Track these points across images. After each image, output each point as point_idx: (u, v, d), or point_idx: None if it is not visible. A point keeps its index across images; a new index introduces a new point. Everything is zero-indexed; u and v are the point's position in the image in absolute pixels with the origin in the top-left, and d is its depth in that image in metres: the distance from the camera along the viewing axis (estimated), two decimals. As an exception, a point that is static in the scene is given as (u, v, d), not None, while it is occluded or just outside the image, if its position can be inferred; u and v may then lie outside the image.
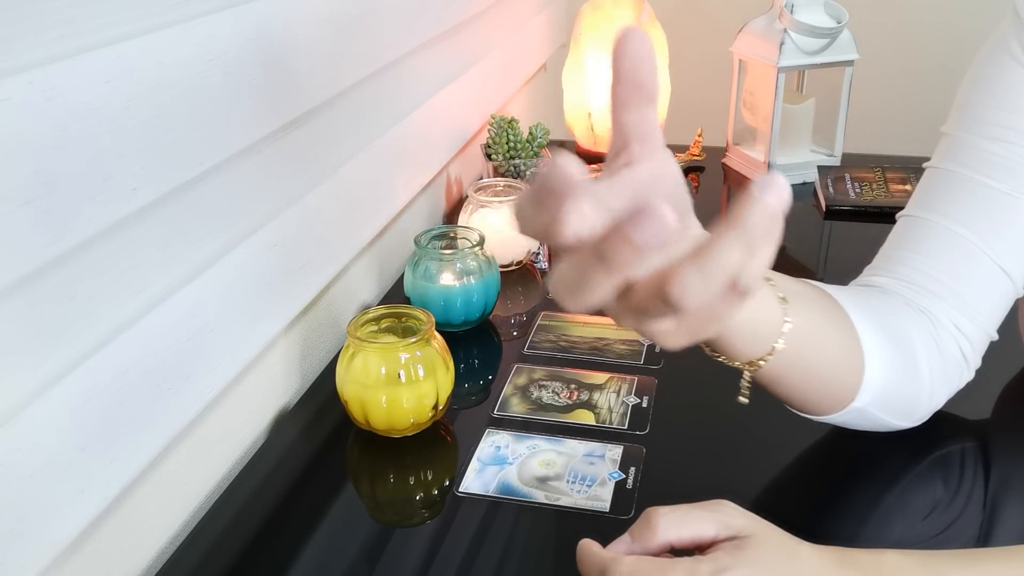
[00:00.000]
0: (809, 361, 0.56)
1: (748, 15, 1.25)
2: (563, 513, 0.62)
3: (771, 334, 0.52)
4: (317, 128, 0.77)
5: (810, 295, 0.57)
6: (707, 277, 0.34)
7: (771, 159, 1.22)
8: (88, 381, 0.52)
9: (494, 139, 1.11)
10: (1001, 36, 0.64)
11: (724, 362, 0.55)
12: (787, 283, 0.55)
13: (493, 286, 0.86)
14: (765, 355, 0.53)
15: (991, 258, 0.61)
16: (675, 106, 1.39)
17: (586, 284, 0.36)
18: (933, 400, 0.63)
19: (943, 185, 0.64)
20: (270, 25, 0.67)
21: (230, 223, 0.65)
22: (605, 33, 1.30)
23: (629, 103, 0.38)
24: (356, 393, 0.68)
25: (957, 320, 0.62)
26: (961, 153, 0.64)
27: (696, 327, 0.39)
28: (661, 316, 0.37)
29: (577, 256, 0.35)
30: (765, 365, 0.54)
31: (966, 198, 0.62)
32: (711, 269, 0.34)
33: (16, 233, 0.45)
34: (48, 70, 0.46)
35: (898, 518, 0.61)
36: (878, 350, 0.59)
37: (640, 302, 0.37)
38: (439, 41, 1.05)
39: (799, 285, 0.57)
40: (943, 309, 0.62)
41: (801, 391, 0.58)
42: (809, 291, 0.58)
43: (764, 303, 0.52)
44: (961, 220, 0.62)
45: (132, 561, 0.61)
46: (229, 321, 0.66)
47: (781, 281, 0.54)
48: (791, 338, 0.53)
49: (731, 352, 0.53)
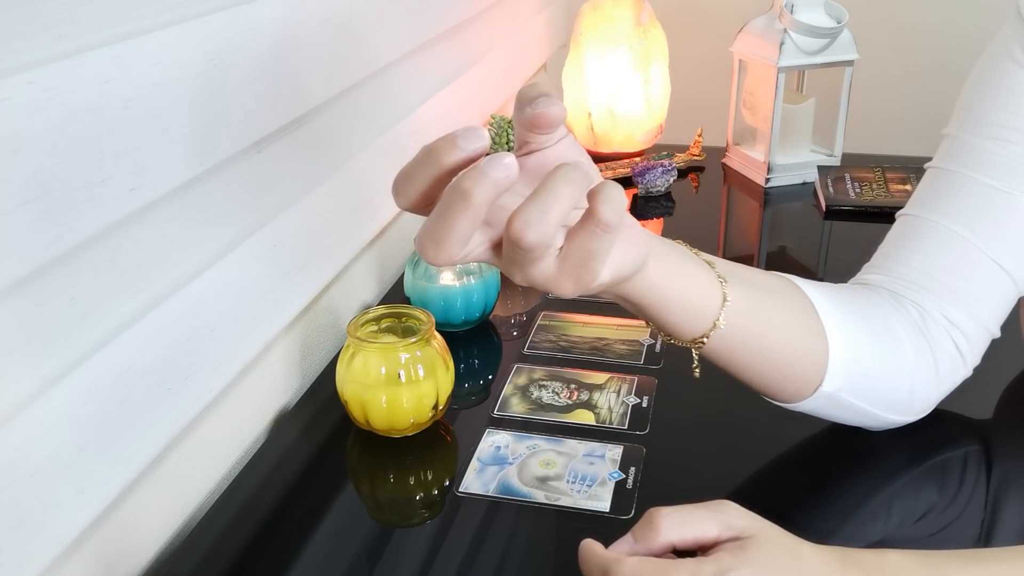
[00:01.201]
0: (758, 339, 0.57)
1: (748, 15, 1.25)
2: (563, 513, 0.62)
3: (710, 311, 0.54)
4: (317, 128, 0.77)
5: (757, 278, 0.59)
6: (542, 210, 0.40)
7: (771, 159, 1.22)
8: (88, 381, 0.52)
9: (494, 139, 1.11)
10: (1003, 39, 0.65)
11: (673, 343, 0.57)
12: (729, 266, 0.57)
13: (493, 286, 0.86)
14: (708, 331, 0.55)
15: (988, 255, 0.61)
16: (675, 106, 1.39)
17: (449, 229, 0.41)
18: (925, 393, 0.63)
19: (941, 184, 0.64)
20: (270, 25, 0.67)
21: (230, 223, 0.65)
22: (605, 33, 1.30)
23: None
24: (356, 393, 0.68)
25: (948, 312, 0.62)
26: (960, 153, 0.64)
27: (577, 269, 0.44)
28: (530, 261, 0.43)
29: (442, 205, 0.41)
30: (709, 343, 0.55)
31: (964, 197, 0.63)
32: (543, 202, 0.40)
33: (16, 233, 0.45)
34: (48, 70, 0.46)
35: (899, 517, 0.61)
36: (846, 334, 0.59)
37: (507, 250, 0.43)
38: (439, 41, 1.05)
39: (745, 270, 0.59)
40: (933, 301, 0.62)
41: (758, 372, 0.59)
42: (757, 275, 0.59)
43: (699, 280, 0.54)
44: (957, 218, 0.62)
45: (132, 561, 0.61)
46: (229, 321, 0.66)
47: (722, 264, 0.56)
48: (733, 316, 0.55)
49: (672, 329, 0.55)
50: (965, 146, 0.64)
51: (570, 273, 0.44)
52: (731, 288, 0.55)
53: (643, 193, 1.21)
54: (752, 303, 0.56)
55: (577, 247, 0.43)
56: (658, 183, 1.20)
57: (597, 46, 1.31)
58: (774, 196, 1.22)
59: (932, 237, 0.63)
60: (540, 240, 0.41)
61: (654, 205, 1.20)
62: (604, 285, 0.47)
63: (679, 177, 1.27)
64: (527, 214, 0.41)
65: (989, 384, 0.77)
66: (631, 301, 0.52)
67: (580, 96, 1.34)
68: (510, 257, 0.44)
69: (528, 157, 0.48)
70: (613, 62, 1.31)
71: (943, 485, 0.65)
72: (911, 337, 0.62)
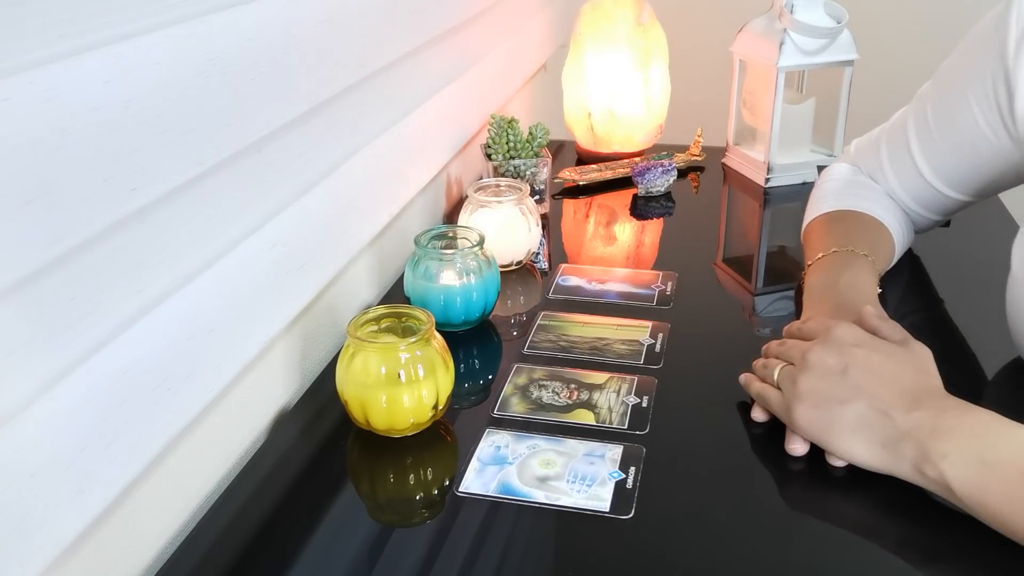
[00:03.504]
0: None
1: (748, 15, 1.25)
2: (563, 513, 0.62)
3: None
4: (317, 128, 0.77)
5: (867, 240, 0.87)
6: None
7: (771, 159, 1.22)
8: (88, 381, 0.52)
9: (494, 139, 1.11)
10: (979, 68, 0.79)
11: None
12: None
13: (493, 286, 0.86)
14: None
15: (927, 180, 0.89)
16: (675, 106, 1.39)
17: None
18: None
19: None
20: (270, 25, 0.67)
21: (230, 223, 0.65)
22: (605, 33, 1.31)
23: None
24: (356, 393, 0.68)
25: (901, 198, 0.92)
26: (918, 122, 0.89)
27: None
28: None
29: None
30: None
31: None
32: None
33: (16, 233, 0.45)
34: (48, 70, 0.46)
35: (895, 510, 0.61)
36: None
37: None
38: (439, 41, 1.05)
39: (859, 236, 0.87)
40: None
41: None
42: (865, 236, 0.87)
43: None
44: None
45: (132, 561, 0.61)
46: (229, 321, 0.66)
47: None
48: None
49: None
50: (920, 118, 0.87)
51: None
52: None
53: (643, 193, 1.21)
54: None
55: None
56: (658, 183, 1.21)
57: (597, 46, 1.31)
58: (774, 196, 1.22)
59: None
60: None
61: (654, 205, 1.20)
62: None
63: (679, 177, 1.27)
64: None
65: (976, 376, 0.78)
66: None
67: (580, 96, 1.34)
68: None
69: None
70: (613, 62, 1.31)
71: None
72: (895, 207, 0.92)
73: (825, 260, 0.83)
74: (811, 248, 0.88)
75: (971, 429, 0.58)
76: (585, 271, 1.00)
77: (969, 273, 0.97)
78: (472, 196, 0.98)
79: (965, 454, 0.57)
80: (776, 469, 0.66)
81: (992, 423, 0.59)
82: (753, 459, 0.68)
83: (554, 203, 1.21)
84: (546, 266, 1.02)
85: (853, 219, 0.89)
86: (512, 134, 1.10)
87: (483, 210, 0.96)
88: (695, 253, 1.05)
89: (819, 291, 0.80)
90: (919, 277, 0.96)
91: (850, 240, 0.84)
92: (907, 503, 0.61)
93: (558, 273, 0.99)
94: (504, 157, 1.11)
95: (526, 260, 1.00)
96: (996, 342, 0.79)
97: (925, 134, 0.86)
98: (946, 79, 0.84)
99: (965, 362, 0.80)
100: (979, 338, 0.83)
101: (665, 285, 0.95)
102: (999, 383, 0.77)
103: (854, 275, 0.79)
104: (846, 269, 0.80)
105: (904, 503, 0.61)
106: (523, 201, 0.97)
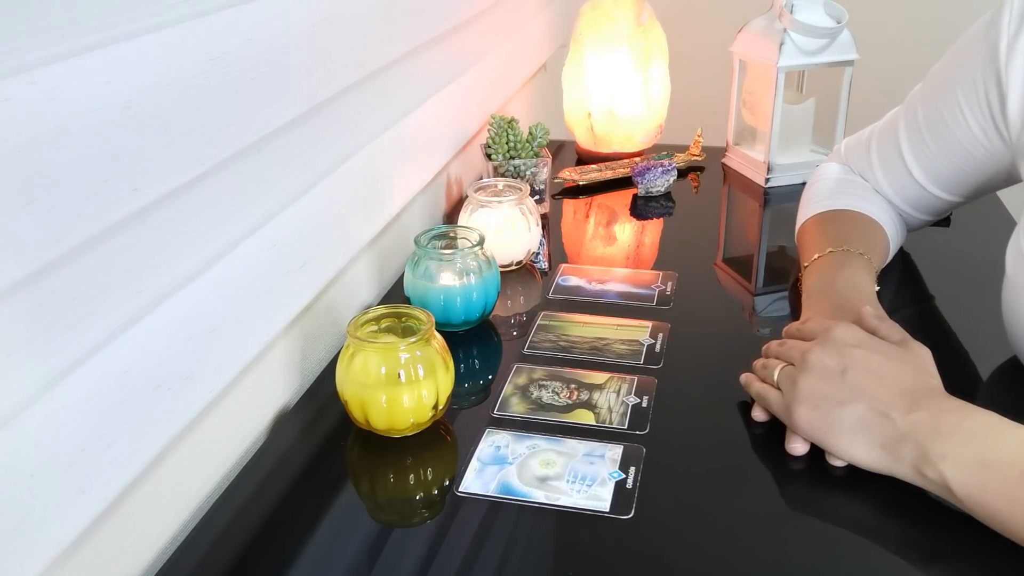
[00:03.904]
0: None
1: (748, 15, 1.25)
2: (563, 513, 0.62)
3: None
4: (317, 128, 0.77)
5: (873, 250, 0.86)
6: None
7: (771, 159, 1.22)
8: (88, 381, 0.52)
9: (494, 139, 1.11)
10: (969, 70, 0.79)
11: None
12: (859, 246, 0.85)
13: (493, 286, 0.86)
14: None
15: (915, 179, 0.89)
16: (675, 106, 1.39)
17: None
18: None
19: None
20: (270, 25, 0.67)
21: (230, 223, 0.65)
22: (605, 33, 1.31)
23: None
24: (356, 393, 0.68)
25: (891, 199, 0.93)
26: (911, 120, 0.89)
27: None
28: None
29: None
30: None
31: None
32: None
33: (16, 233, 0.45)
34: (49, 70, 0.46)
35: (895, 510, 0.61)
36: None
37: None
38: (439, 41, 1.05)
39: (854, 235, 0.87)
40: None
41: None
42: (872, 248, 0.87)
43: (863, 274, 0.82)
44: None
45: (132, 561, 0.61)
46: (229, 321, 0.66)
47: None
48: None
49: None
50: (912, 118, 0.88)
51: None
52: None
53: (643, 193, 1.21)
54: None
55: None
56: (658, 183, 1.21)
57: (597, 46, 1.31)
58: (774, 196, 1.22)
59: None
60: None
61: (654, 205, 1.20)
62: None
63: (679, 177, 1.27)
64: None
65: (971, 374, 0.78)
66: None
67: (580, 96, 1.34)
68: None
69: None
70: (613, 62, 1.31)
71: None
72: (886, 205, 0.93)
73: (822, 260, 0.83)
74: (806, 249, 0.88)
75: (971, 430, 0.58)
76: (585, 271, 1.00)
77: (968, 271, 0.97)
78: (472, 196, 0.98)
79: (965, 455, 0.57)
80: (776, 469, 0.66)
81: (992, 424, 0.59)
82: (753, 459, 0.68)
83: (554, 203, 1.21)
84: (546, 266, 1.02)
85: (847, 218, 0.89)
86: (512, 134, 1.10)
87: (483, 210, 0.96)
88: (695, 253, 1.05)
89: (818, 292, 0.80)
90: (913, 275, 0.96)
91: (846, 239, 0.84)
92: (907, 503, 0.61)
93: (558, 273, 0.99)
94: (504, 157, 1.11)
95: (526, 260, 1.00)
96: (993, 341, 0.79)
97: (916, 136, 0.86)
98: (937, 82, 0.84)
99: (959, 361, 0.80)
100: (976, 337, 0.83)
101: (665, 285, 0.95)
102: (995, 382, 0.77)
103: (852, 274, 0.79)
104: (843, 269, 0.80)
105: (904, 503, 0.61)
106: (523, 201, 0.97)
